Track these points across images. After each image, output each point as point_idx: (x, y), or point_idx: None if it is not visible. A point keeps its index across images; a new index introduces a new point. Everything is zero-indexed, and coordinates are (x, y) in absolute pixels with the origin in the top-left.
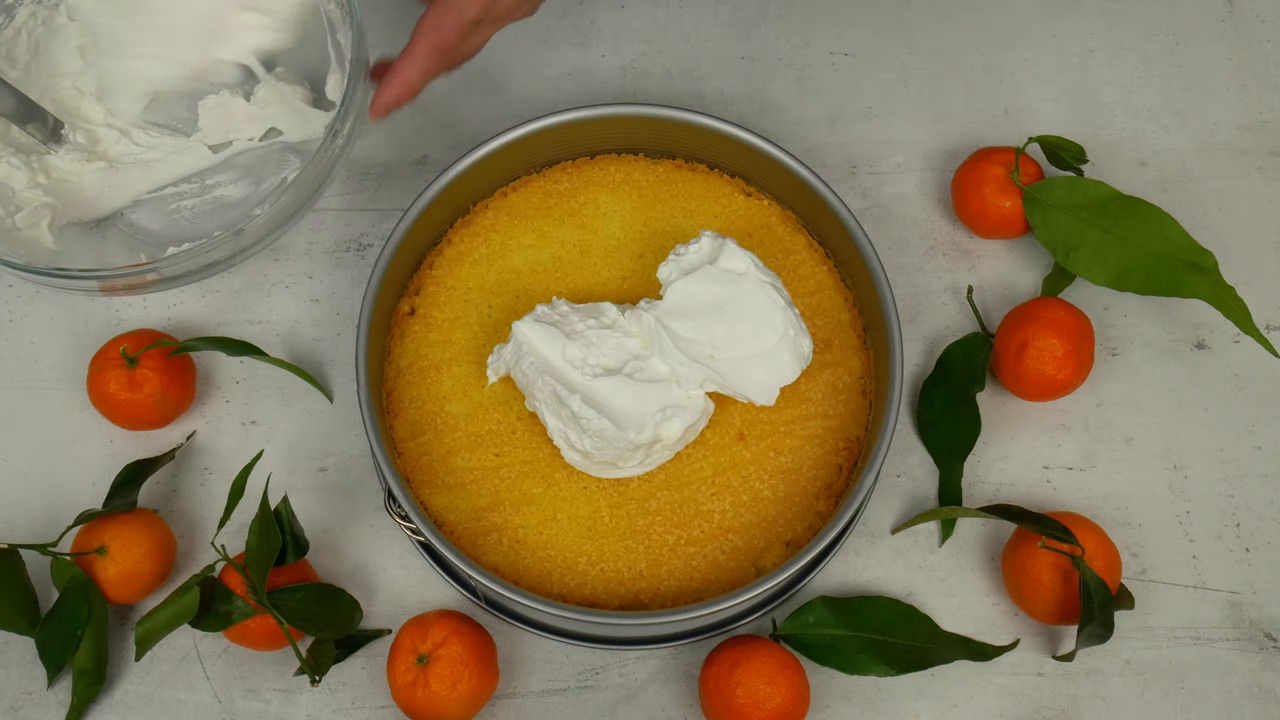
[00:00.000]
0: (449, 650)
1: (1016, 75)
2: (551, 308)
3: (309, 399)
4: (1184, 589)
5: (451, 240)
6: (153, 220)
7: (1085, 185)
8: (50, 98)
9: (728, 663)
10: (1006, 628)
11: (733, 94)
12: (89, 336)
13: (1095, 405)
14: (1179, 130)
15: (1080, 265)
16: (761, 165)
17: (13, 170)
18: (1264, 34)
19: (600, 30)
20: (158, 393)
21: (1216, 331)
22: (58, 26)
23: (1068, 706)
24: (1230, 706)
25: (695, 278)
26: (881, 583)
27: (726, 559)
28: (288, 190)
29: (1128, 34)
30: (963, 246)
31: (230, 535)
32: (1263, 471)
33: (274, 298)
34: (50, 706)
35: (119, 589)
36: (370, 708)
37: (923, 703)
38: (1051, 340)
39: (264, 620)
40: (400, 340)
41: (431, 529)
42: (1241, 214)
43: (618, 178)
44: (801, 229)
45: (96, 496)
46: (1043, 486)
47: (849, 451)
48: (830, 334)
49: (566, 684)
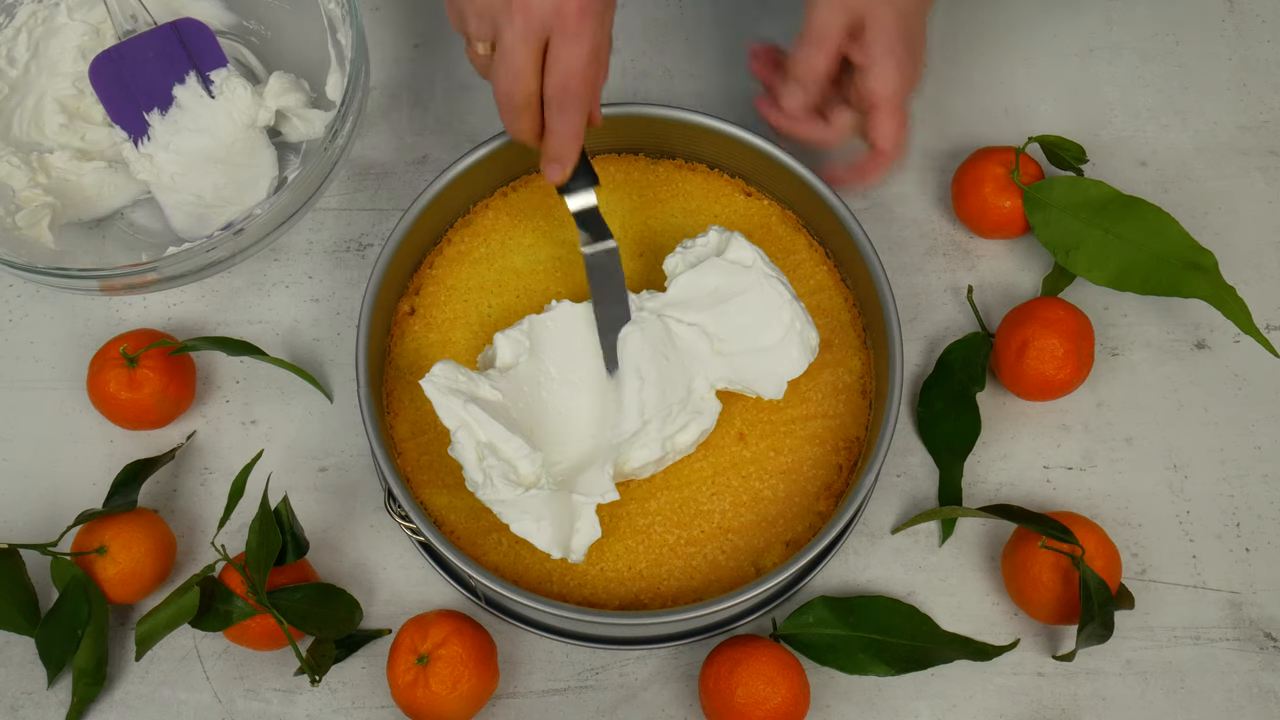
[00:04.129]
0: (449, 650)
1: (1016, 75)
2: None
3: (309, 399)
4: (1184, 589)
5: (451, 240)
6: (153, 219)
7: (1085, 185)
8: (51, 97)
9: (728, 663)
10: (1006, 628)
11: (733, 94)
12: (89, 336)
13: (1095, 405)
14: (1179, 130)
15: (1080, 265)
16: (761, 165)
17: (13, 170)
18: (1264, 34)
19: None
20: (158, 393)
21: (1216, 331)
22: (58, 26)
23: (1068, 706)
24: (1230, 706)
25: (702, 269)
26: (881, 583)
27: (726, 559)
28: (287, 190)
29: (1128, 34)
30: (963, 246)
31: (230, 535)
32: (1263, 471)
33: (274, 298)
34: (50, 706)
35: (119, 589)
36: (370, 708)
37: (923, 703)
38: (1051, 340)
39: (264, 620)
40: (400, 340)
41: (431, 529)
42: (1241, 214)
43: (618, 178)
44: (801, 229)
45: (96, 496)
46: (1043, 486)
47: (849, 451)
48: (830, 334)
49: (566, 684)
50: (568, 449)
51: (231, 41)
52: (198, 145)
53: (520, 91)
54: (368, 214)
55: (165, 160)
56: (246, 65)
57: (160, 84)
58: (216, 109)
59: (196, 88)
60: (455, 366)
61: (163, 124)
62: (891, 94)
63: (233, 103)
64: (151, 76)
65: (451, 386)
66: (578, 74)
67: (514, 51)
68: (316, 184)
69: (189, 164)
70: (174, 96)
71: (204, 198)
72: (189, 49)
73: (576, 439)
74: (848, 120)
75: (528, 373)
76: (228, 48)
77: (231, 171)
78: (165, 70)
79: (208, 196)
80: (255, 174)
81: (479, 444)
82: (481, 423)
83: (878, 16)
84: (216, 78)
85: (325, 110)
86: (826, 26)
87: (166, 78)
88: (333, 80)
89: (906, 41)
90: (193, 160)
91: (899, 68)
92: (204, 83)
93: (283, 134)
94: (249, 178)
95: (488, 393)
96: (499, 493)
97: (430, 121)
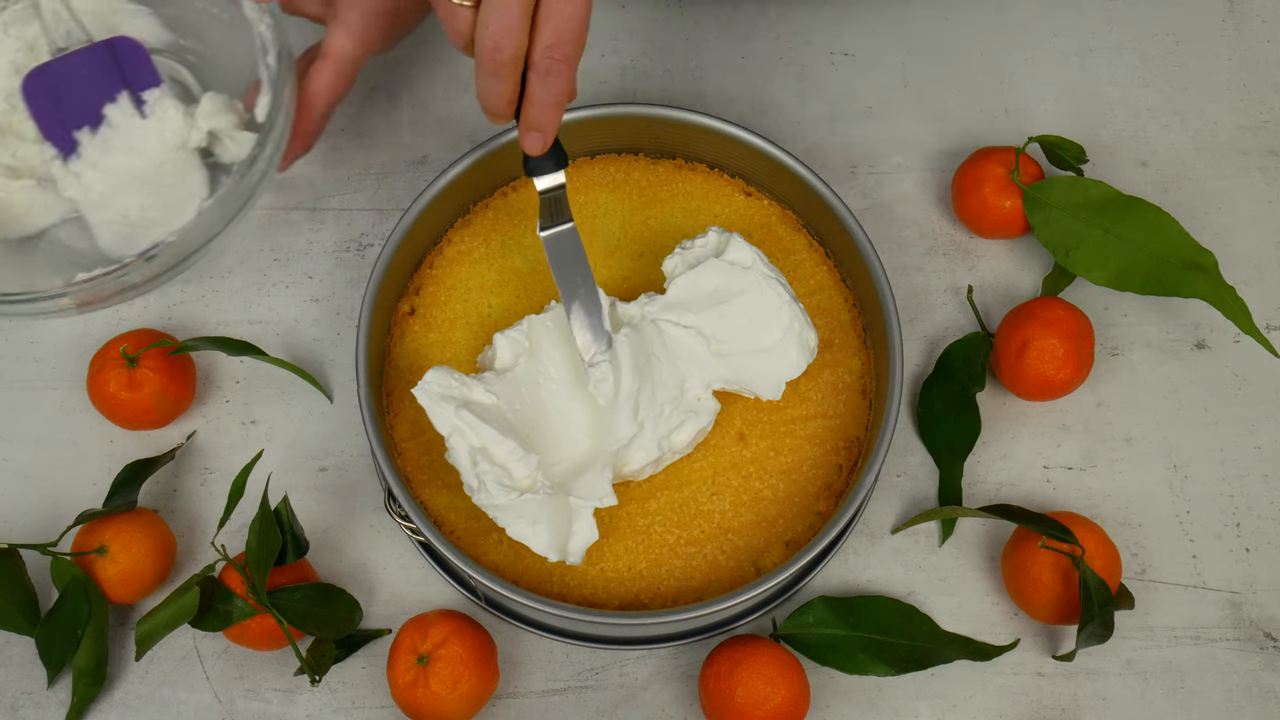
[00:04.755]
0: (449, 650)
1: (1016, 75)
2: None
3: (309, 399)
4: (1184, 589)
5: (451, 240)
6: (81, 238)
7: (1085, 185)
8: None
9: (728, 663)
10: (1006, 628)
11: (733, 94)
12: (89, 336)
13: (1095, 405)
14: (1179, 130)
15: (1080, 265)
16: (761, 165)
17: None
18: (1264, 34)
19: (600, 30)
20: (158, 393)
21: (1216, 331)
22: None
23: (1068, 706)
24: (1230, 706)
25: (701, 270)
26: (881, 582)
27: (726, 559)
28: (204, 213)
29: (1128, 34)
30: (963, 246)
31: (230, 535)
32: (1263, 471)
33: (274, 298)
34: (50, 706)
35: (119, 589)
36: (370, 708)
37: (923, 703)
38: (1051, 340)
39: (264, 620)
40: (400, 340)
41: (432, 529)
42: (1241, 214)
43: (618, 178)
44: (801, 229)
45: (96, 496)
46: (1043, 486)
47: (849, 451)
48: (830, 334)
49: (566, 684)
50: (566, 450)
51: (169, 60)
52: (126, 165)
53: (510, 45)
54: (368, 214)
55: (94, 179)
56: (184, 84)
57: (92, 102)
58: (147, 129)
59: (128, 107)
60: (448, 372)
61: (92, 142)
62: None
63: (164, 123)
64: (83, 94)
65: (444, 393)
66: (571, 34)
67: (500, 7)
68: (237, 208)
69: (117, 183)
70: (105, 115)
71: (130, 218)
72: (122, 67)
73: (575, 440)
74: None
75: (526, 373)
76: (165, 66)
77: (160, 192)
78: (97, 88)
79: (134, 216)
80: (184, 195)
81: (473, 449)
82: (474, 427)
83: None
84: (149, 97)
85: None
86: None
87: (98, 96)
88: (262, 103)
89: None
90: (121, 180)
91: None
92: (136, 102)
93: (215, 155)
94: (178, 199)
95: (482, 396)
96: (493, 497)
97: (430, 122)
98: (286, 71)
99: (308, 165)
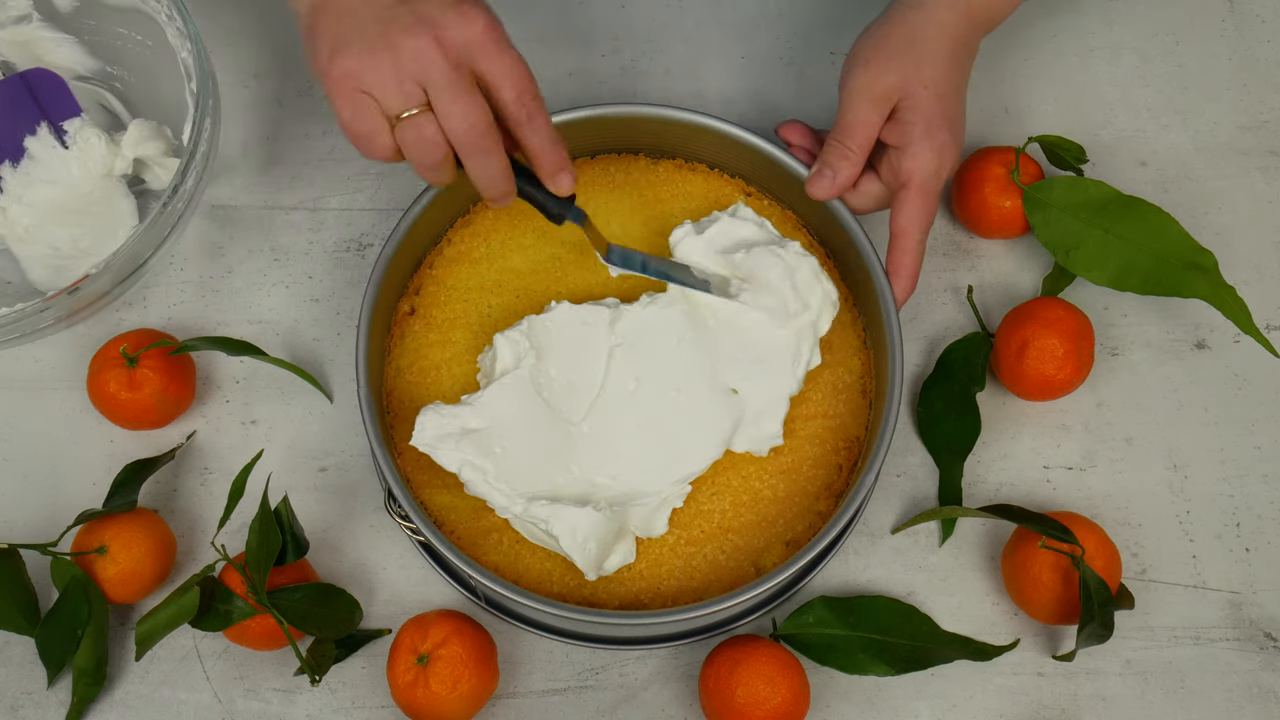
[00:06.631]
0: (449, 650)
1: (1016, 75)
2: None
3: (309, 399)
4: (1184, 589)
5: (451, 240)
6: (11, 272)
7: (1085, 185)
8: None
9: (728, 663)
10: (1006, 628)
11: (733, 94)
12: (89, 336)
13: (1095, 405)
14: (1179, 130)
15: (1080, 265)
16: (761, 165)
17: None
18: (1264, 34)
19: (600, 30)
20: (158, 393)
21: (1216, 331)
22: None
23: (1068, 706)
24: (1230, 706)
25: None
26: (881, 582)
27: (726, 559)
28: (127, 245)
29: (1128, 34)
30: (963, 246)
31: (230, 535)
32: (1263, 471)
33: (274, 298)
34: (50, 706)
35: (119, 589)
36: (370, 708)
37: (923, 703)
38: (1051, 340)
39: (264, 620)
40: (400, 340)
41: (432, 529)
42: (1241, 214)
43: (618, 178)
44: (801, 229)
45: (96, 496)
46: (1043, 486)
47: (849, 451)
48: (830, 334)
49: (566, 684)
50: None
51: (96, 87)
52: (51, 196)
53: (483, 119)
54: (368, 214)
55: (18, 213)
56: (112, 111)
57: (10, 136)
58: (70, 159)
59: (49, 138)
60: (437, 410)
61: (14, 176)
62: (926, 176)
63: (87, 152)
64: (1, 128)
65: (440, 433)
66: (523, 78)
67: (456, 91)
68: (163, 235)
69: (43, 216)
70: (25, 148)
71: (60, 249)
72: (39, 99)
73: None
74: (875, 190)
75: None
76: (91, 94)
77: (88, 222)
78: (15, 122)
79: (64, 248)
80: (114, 224)
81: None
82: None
83: (916, 100)
84: (70, 127)
85: None
86: (863, 123)
87: (17, 129)
88: (188, 129)
89: (947, 124)
90: (47, 212)
91: (937, 151)
92: (57, 133)
93: (145, 182)
94: (107, 228)
95: (475, 422)
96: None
97: None
98: (208, 97)
99: (307, 165)
